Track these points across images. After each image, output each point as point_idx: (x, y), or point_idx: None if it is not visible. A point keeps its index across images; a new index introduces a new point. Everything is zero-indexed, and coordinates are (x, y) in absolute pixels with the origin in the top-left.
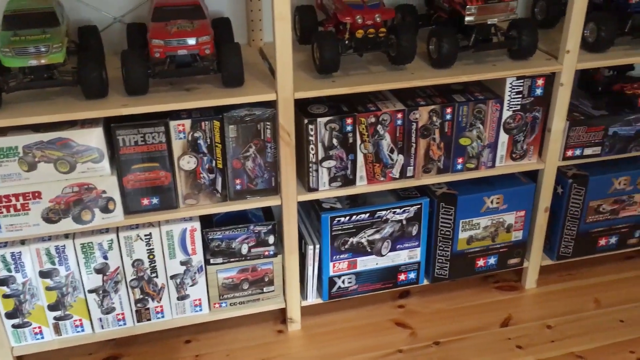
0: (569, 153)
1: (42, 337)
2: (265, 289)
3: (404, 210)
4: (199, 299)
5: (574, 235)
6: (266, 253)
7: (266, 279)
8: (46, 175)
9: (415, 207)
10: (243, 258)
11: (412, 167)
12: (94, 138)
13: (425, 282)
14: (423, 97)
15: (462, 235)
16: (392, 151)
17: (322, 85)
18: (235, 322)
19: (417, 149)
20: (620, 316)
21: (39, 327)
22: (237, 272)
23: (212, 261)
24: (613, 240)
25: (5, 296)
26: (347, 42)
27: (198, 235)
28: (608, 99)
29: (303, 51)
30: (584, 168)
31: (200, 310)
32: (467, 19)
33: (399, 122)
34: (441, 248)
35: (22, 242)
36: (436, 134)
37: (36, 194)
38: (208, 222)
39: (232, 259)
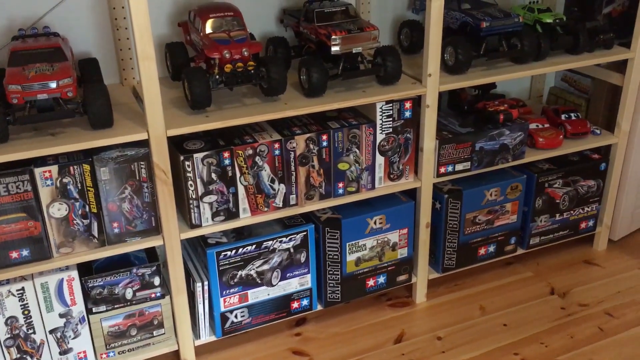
0: (442, 170)
1: None
2: (155, 333)
3: (290, 238)
4: (84, 351)
5: (455, 247)
6: (153, 295)
7: (155, 322)
8: None
9: (301, 234)
10: (128, 303)
11: (294, 195)
12: None
13: (319, 307)
14: (299, 126)
15: (350, 257)
16: (272, 181)
17: (195, 121)
18: None
19: (298, 177)
20: (503, 320)
21: None
22: (123, 319)
23: (94, 310)
24: (491, 248)
25: None
26: (217, 76)
27: (77, 284)
28: (474, 116)
29: (176, 87)
30: (458, 183)
31: None
32: (332, 49)
33: (277, 152)
34: (331, 272)
35: None
36: (315, 161)
37: None
38: (87, 270)
39: (116, 306)
